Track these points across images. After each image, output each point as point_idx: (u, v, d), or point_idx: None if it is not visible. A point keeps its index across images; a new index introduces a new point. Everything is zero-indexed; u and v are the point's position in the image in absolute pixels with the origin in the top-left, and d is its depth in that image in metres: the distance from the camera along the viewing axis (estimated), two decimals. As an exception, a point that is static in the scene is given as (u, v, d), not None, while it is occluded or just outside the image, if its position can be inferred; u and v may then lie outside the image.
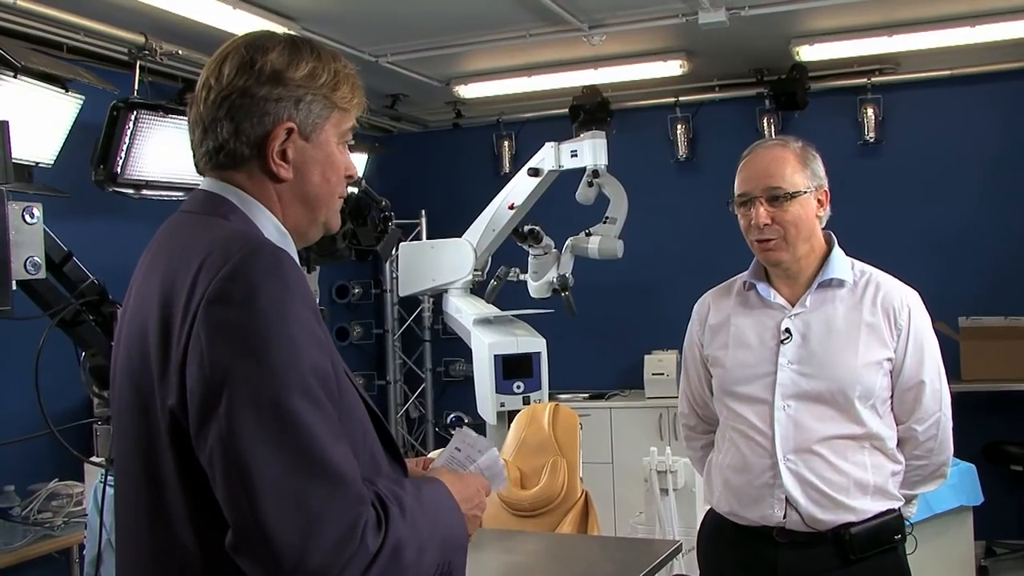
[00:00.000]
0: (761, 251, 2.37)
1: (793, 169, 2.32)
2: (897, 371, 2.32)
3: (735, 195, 2.39)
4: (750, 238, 2.38)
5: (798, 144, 2.39)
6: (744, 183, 2.37)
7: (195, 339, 1.25)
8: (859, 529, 2.27)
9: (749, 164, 2.39)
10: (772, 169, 2.33)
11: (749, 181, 2.36)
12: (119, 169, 4.17)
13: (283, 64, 1.43)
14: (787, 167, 2.32)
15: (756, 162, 2.37)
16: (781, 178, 2.31)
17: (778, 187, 2.31)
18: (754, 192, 2.33)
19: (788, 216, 2.31)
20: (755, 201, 2.32)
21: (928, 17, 5.19)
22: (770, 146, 2.40)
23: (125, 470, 1.42)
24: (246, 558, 1.23)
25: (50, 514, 4.03)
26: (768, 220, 2.31)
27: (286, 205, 1.46)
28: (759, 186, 2.32)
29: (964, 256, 6.02)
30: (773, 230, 2.31)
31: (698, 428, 2.63)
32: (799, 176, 2.32)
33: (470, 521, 1.49)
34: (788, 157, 2.34)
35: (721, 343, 2.47)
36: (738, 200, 2.38)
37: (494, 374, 4.93)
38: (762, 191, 2.32)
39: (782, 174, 2.31)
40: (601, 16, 5.04)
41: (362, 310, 7.28)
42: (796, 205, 2.31)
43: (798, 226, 2.31)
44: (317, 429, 1.24)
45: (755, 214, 2.32)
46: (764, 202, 2.31)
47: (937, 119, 6.16)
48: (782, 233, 2.31)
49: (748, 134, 6.08)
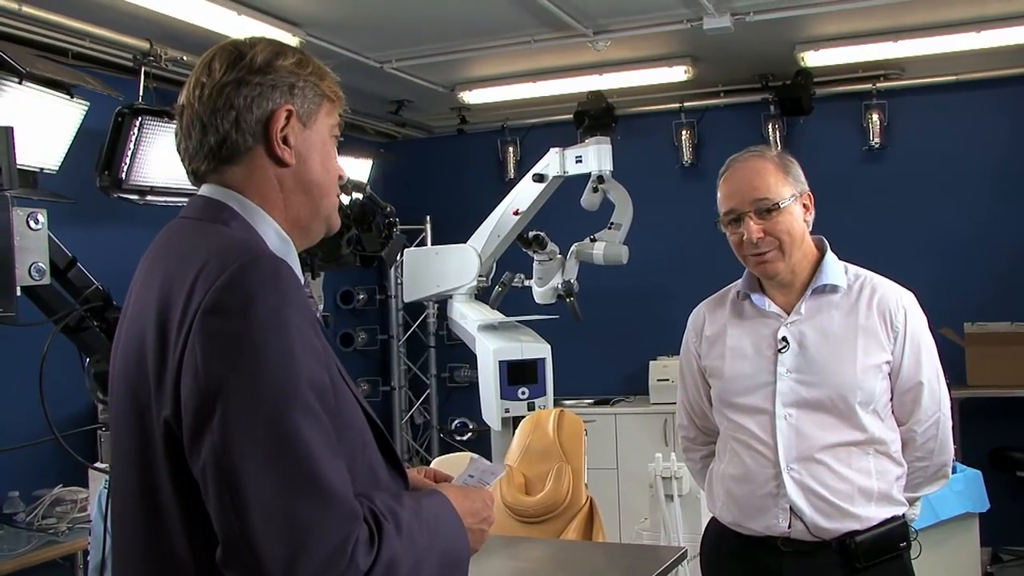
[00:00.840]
0: (756, 264, 2.33)
1: (776, 179, 2.29)
2: (895, 373, 2.30)
3: (720, 213, 2.35)
4: (743, 253, 2.34)
5: (773, 152, 2.38)
6: (729, 199, 2.33)
7: (190, 350, 1.24)
8: (864, 537, 2.26)
9: (730, 179, 2.35)
10: (756, 182, 2.29)
11: (734, 197, 2.32)
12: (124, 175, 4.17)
13: (271, 55, 1.45)
14: (770, 177, 2.29)
15: (737, 177, 2.34)
16: (767, 189, 2.28)
17: (765, 198, 2.27)
18: (742, 208, 2.29)
19: (780, 226, 2.28)
20: (744, 216, 2.29)
21: (933, 23, 5.19)
22: (747, 158, 2.36)
23: (121, 478, 1.41)
24: (235, 574, 1.21)
25: (54, 520, 4.03)
26: (760, 234, 2.28)
27: (289, 195, 1.45)
28: (746, 200, 2.29)
29: (970, 261, 6.00)
30: (767, 242, 2.29)
31: (697, 440, 2.61)
32: (783, 185, 2.29)
33: (475, 535, 1.47)
34: (768, 167, 2.31)
35: (718, 354, 2.44)
36: (725, 218, 2.34)
37: (499, 380, 4.93)
38: (750, 205, 2.28)
39: (767, 185, 2.28)
40: (606, 22, 5.04)
41: (367, 316, 7.28)
42: (785, 214, 2.28)
43: (791, 234, 2.29)
44: (311, 444, 1.22)
45: (747, 229, 2.28)
46: (753, 216, 2.28)
47: (942, 124, 6.15)
48: (777, 244, 2.29)
49: (753, 140, 6.07)
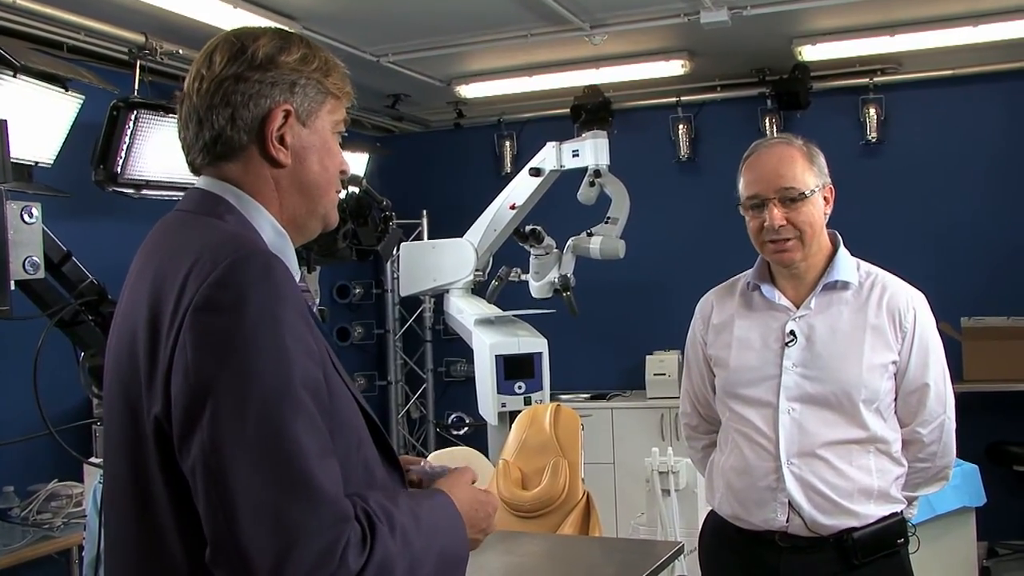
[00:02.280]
0: (774, 252, 2.31)
1: (803, 168, 2.28)
2: (901, 373, 2.29)
3: (743, 197, 2.33)
4: (761, 239, 2.31)
5: (800, 141, 2.34)
6: (754, 184, 2.30)
7: (181, 347, 1.22)
8: (862, 534, 2.26)
9: (756, 164, 2.32)
10: (783, 169, 2.27)
11: (759, 182, 2.29)
12: (119, 169, 4.16)
13: (274, 49, 1.41)
14: (796, 166, 2.27)
15: (764, 162, 2.31)
16: (793, 178, 2.26)
17: (791, 187, 2.26)
18: (766, 194, 2.27)
19: (802, 216, 2.26)
20: (768, 203, 2.27)
21: (930, 17, 5.17)
22: (774, 144, 2.34)
23: (114, 475, 1.40)
24: (223, 573, 1.20)
25: (49, 515, 4.02)
26: (783, 221, 2.26)
27: (284, 194, 1.43)
28: (771, 187, 2.27)
29: (966, 256, 6.00)
30: (788, 231, 2.27)
31: (700, 428, 2.60)
32: (808, 175, 2.28)
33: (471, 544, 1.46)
34: (796, 156, 2.29)
35: (724, 343, 2.43)
36: (748, 203, 2.32)
37: (495, 374, 4.93)
38: (775, 192, 2.26)
39: (793, 174, 2.26)
40: (602, 16, 5.02)
41: (363, 310, 7.27)
42: (809, 204, 2.27)
43: (812, 225, 2.28)
44: (302, 443, 1.20)
45: (769, 216, 2.26)
46: (778, 203, 2.26)
47: (939, 119, 6.14)
48: (797, 234, 2.27)
49: (750, 134, 6.04)
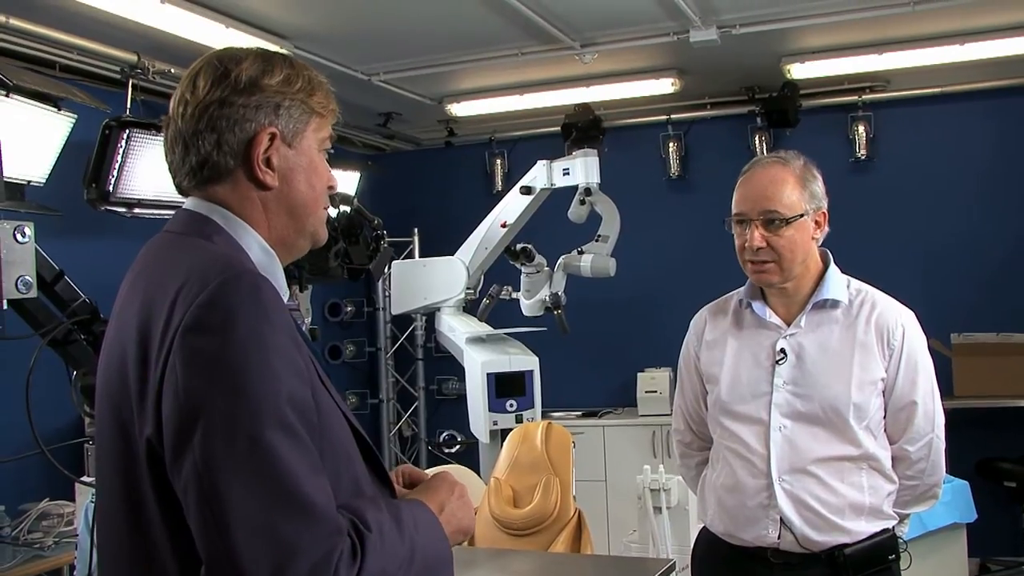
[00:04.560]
0: (753, 272, 2.33)
1: (792, 191, 2.27)
2: (889, 391, 2.30)
3: (732, 212, 2.35)
4: (743, 258, 2.33)
5: (799, 162, 2.33)
6: (741, 203, 2.32)
7: (171, 368, 1.23)
8: (853, 550, 2.26)
9: (747, 183, 2.33)
10: (770, 191, 2.27)
11: (746, 201, 2.30)
12: (111, 188, 4.15)
13: (257, 72, 1.42)
14: (785, 189, 2.27)
15: (754, 181, 2.31)
16: (778, 201, 2.25)
17: (774, 211, 2.25)
18: (750, 214, 2.28)
19: (783, 241, 2.26)
20: (750, 223, 2.28)
21: (918, 35, 5.22)
22: (769, 164, 2.33)
23: (107, 492, 1.40)
24: None
25: (40, 534, 3.99)
26: (762, 243, 2.26)
27: (272, 215, 1.44)
28: (755, 208, 2.27)
29: (956, 272, 6.03)
30: (767, 253, 2.27)
31: (694, 445, 2.60)
32: (797, 199, 2.27)
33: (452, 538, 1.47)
34: (787, 178, 2.28)
35: (717, 360, 2.44)
36: (734, 219, 2.34)
37: (487, 392, 4.93)
38: (758, 214, 2.27)
39: (779, 197, 2.26)
40: (593, 34, 5.06)
41: (355, 328, 7.26)
42: (792, 229, 2.26)
43: (793, 250, 2.27)
44: (292, 461, 1.22)
45: (750, 237, 2.27)
46: (759, 225, 2.26)
47: (928, 136, 6.19)
48: (776, 257, 2.27)
49: (740, 152, 6.10)
